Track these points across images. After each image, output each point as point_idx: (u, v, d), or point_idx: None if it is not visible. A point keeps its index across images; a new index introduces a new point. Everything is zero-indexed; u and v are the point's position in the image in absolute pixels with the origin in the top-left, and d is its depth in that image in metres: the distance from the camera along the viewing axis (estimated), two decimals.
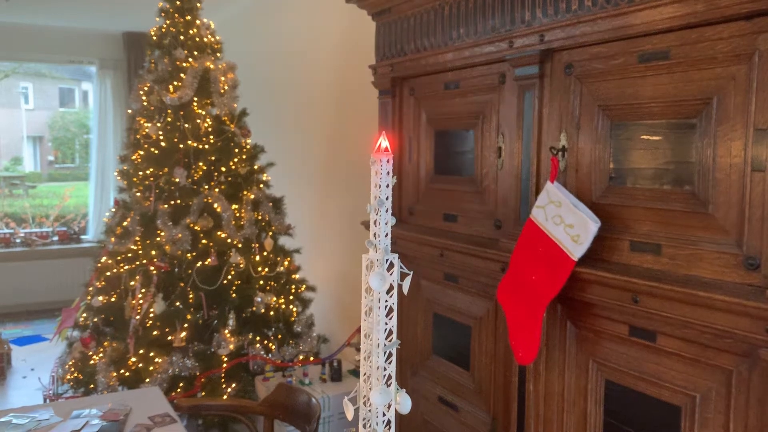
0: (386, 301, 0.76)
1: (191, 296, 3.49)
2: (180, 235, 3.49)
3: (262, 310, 3.65)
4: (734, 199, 1.39)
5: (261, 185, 3.83)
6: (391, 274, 0.74)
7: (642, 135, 1.58)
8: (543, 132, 1.84)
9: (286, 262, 3.83)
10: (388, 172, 0.74)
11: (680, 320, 1.46)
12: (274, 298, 3.70)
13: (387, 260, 0.76)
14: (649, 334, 1.57)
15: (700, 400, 1.47)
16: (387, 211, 0.74)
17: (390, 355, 0.78)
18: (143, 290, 3.45)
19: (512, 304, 1.86)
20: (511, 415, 1.98)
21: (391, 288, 0.76)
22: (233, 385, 3.49)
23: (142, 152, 3.68)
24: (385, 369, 0.77)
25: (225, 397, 3.36)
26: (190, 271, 3.51)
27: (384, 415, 0.78)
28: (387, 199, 0.73)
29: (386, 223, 0.75)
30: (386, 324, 0.76)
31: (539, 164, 1.86)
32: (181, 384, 3.39)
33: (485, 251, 2.02)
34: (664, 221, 1.54)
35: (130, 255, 3.58)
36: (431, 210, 2.34)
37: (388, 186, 0.73)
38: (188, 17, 3.77)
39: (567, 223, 1.70)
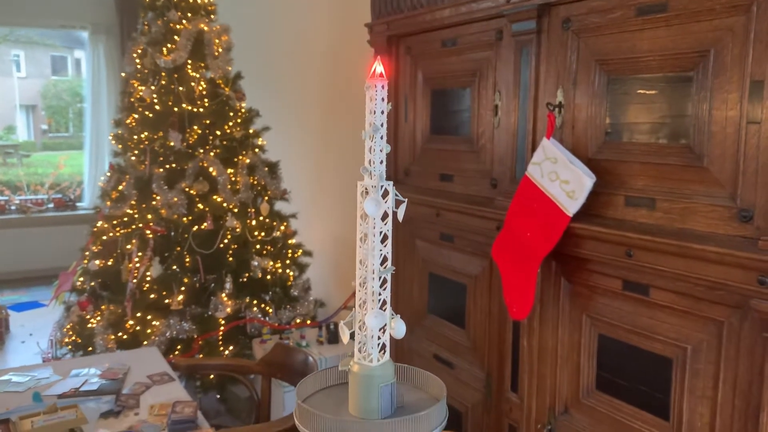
0: (381, 227, 0.76)
1: (188, 260, 3.50)
2: (176, 199, 3.48)
3: (259, 275, 3.67)
4: (729, 152, 1.40)
5: (256, 149, 3.81)
6: (386, 202, 0.75)
7: (638, 89, 1.58)
8: (540, 89, 1.83)
9: (282, 227, 3.83)
10: (383, 99, 0.74)
11: (673, 273, 1.48)
12: (271, 263, 3.71)
13: (382, 187, 0.76)
14: (642, 288, 1.59)
15: (692, 351, 1.49)
16: (382, 138, 0.74)
17: (385, 281, 0.79)
18: (140, 254, 3.46)
19: (507, 261, 1.87)
20: (505, 370, 2.01)
21: (385, 215, 0.76)
22: (231, 347, 3.52)
23: (136, 116, 3.66)
24: (380, 294, 0.78)
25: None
26: (186, 235, 3.51)
27: (379, 339, 0.79)
28: (382, 125, 0.73)
29: (381, 150, 0.75)
30: (381, 250, 0.77)
31: (536, 121, 1.85)
32: (178, 347, 3.42)
33: (481, 210, 2.02)
34: (659, 176, 1.54)
35: (125, 219, 3.58)
36: (427, 170, 2.34)
37: (383, 112, 0.73)
38: None
39: (562, 179, 1.70)
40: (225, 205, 3.58)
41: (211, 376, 3.44)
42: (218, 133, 3.66)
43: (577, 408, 1.80)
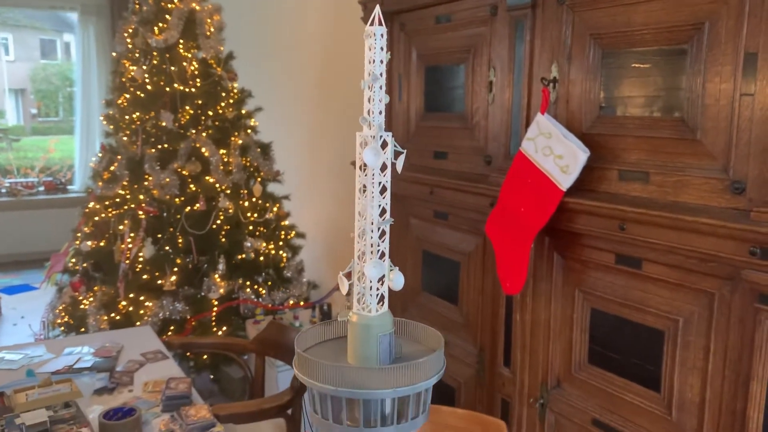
0: (380, 178, 0.77)
1: (180, 241, 3.49)
2: (168, 180, 3.46)
3: (252, 256, 3.67)
4: (722, 125, 1.40)
5: (249, 130, 3.79)
6: (384, 153, 0.75)
7: (633, 63, 1.58)
8: (534, 64, 1.83)
9: (275, 209, 3.82)
10: (382, 48, 0.73)
11: (666, 246, 1.49)
12: (264, 244, 3.71)
13: (381, 137, 0.77)
14: (634, 262, 1.60)
15: (683, 323, 1.51)
16: (381, 87, 0.74)
17: (384, 232, 0.79)
18: (132, 235, 3.44)
19: (500, 237, 1.88)
20: (497, 346, 2.03)
21: (384, 166, 0.76)
22: (224, 328, 3.52)
23: (128, 96, 3.62)
24: (378, 245, 0.78)
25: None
26: (179, 216, 3.50)
27: (378, 290, 0.80)
28: (381, 75, 0.73)
29: (380, 101, 0.75)
30: (380, 201, 0.77)
31: (530, 97, 1.85)
32: (172, 327, 3.41)
33: (475, 186, 2.03)
34: (652, 149, 1.55)
35: (117, 200, 3.56)
36: (421, 148, 2.33)
37: (382, 62, 0.73)
38: None
39: (556, 153, 1.70)
40: (217, 186, 3.57)
41: (204, 357, 3.45)
42: (210, 113, 3.64)
43: (570, 381, 1.81)
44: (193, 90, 3.61)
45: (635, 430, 1.63)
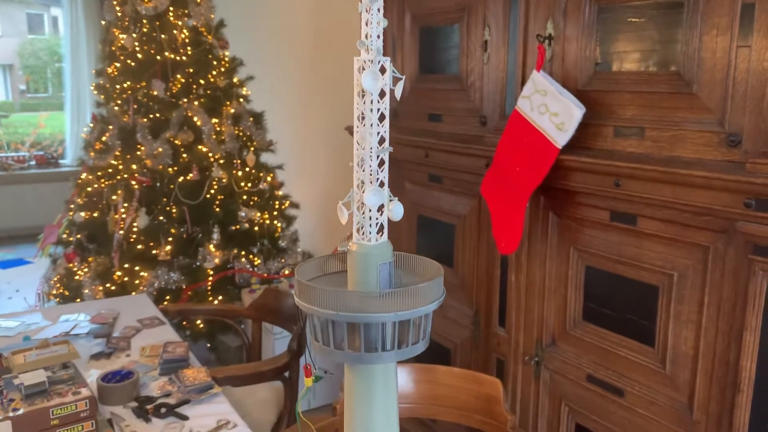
0: (378, 105, 0.76)
1: (174, 211, 3.48)
2: (160, 150, 3.44)
3: (246, 225, 3.66)
4: (719, 77, 1.40)
5: (241, 99, 3.77)
6: (383, 79, 0.74)
7: (629, 17, 1.57)
8: (530, 21, 1.81)
9: (269, 178, 3.81)
10: None
11: (661, 201, 1.49)
12: (258, 214, 3.70)
13: (379, 62, 0.76)
14: (629, 218, 1.60)
15: (678, 278, 1.52)
16: (378, 11, 0.73)
17: (383, 161, 0.79)
18: (125, 205, 3.43)
19: (496, 197, 1.88)
20: (492, 306, 2.04)
21: (383, 93, 0.76)
22: (220, 297, 3.53)
23: (118, 65, 3.58)
24: (378, 174, 0.78)
25: None
26: (172, 186, 3.48)
27: (377, 219, 0.80)
28: None
29: (378, 24, 0.74)
30: (379, 129, 0.77)
31: (525, 55, 1.84)
32: (167, 297, 3.42)
33: (470, 148, 2.02)
34: (648, 104, 1.54)
35: (110, 170, 3.54)
36: (415, 111, 2.32)
37: None
38: None
39: (552, 111, 1.70)
40: (210, 155, 3.55)
41: (201, 325, 3.46)
42: (202, 82, 3.60)
43: (564, 339, 1.83)
44: (184, 58, 3.57)
45: (629, 385, 1.65)
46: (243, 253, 3.66)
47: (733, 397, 1.40)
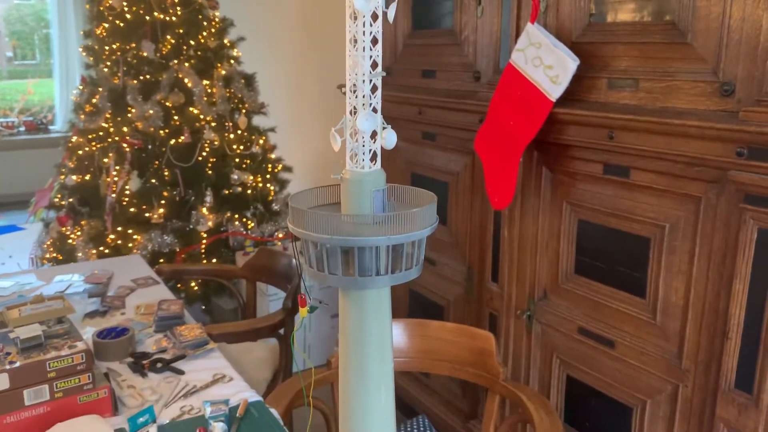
0: (371, 29, 0.75)
1: (167, 173, 3.46)
2: (151, 111, 3.40)
3: (239, 189, 3.65)
4: (713, 26, 1.39)
5: (232, 61, 3.72)
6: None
7: None
8: None
9: (261, 141, 3.79)
10: None
11: (654, 152, 1.50)
12: (251, 177, 3.68)
13: None
14: (622, 171, 1.60)
15: (669, 229, 1.53)
16: None
17: (375, 87, 0.79)
18: (117, 168, 3.40)
19: (489, 152, 1.88)
20: (486, 262, 2.05)
21: (375, 16, 0.75)
22: (214, 260, 3.54)
23: (106, 25, 3.52)
24: (371, 99, 0.77)
25: None
26: (164, 149, 3.45)
27: (370, 147, 0.79)
28: None
29: None
30: (371, 53, 0.76)
31: (519, 8, 1.82)
32: (161, 260, 3.42)
33: (463, 103, 2.01)
34: (642, 55, 1.53)
35: (101, 133, 3.50)
36: (409, 68, 2.30)
37: None
38: None
39: (546, 64, 1.68)
40: (201, 117, 3.51)
41: (195, 288, 3.47)
42: (192, 43, 3.55)
43: (556, 293, 1.85)
44: (173, 19, 3.51)
45: (620, 336, 1.67)
46: (236, 216, 3.66)
47: (722, 344, 1.42)
